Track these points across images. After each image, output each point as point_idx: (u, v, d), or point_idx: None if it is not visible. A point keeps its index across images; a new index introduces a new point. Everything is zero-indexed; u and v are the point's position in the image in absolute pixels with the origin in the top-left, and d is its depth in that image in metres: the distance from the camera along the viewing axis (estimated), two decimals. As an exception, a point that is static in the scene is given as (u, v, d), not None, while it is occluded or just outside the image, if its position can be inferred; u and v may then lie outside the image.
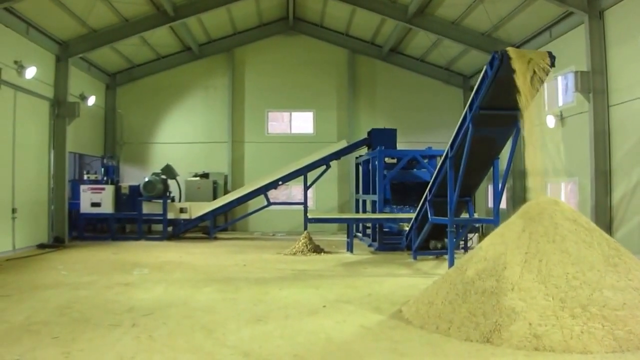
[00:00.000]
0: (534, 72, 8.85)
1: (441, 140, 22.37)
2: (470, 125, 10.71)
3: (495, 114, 10.50)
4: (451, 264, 12.15)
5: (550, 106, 16.21)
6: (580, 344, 6.06)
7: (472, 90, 24.75)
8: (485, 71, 9.93)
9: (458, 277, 7.73)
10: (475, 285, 7.24)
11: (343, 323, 7.85)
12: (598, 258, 7.04)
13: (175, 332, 7.36)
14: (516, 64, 8.89)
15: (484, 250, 7.87)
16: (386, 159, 18.31)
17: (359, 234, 20.53)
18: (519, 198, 19.72)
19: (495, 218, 12.33)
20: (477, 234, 17.76)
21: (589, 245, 7.23)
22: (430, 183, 13.76)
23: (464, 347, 6.48)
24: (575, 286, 6.65)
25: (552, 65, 9.19)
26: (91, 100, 20.70)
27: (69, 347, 6.53)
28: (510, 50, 9.14)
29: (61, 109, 18.24)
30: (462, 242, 16.22)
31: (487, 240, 8.20)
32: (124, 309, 8.68)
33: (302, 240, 16.60)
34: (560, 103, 17.30)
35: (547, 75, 9.12)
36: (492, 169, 12.65)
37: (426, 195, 13.87)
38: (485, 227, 19.64)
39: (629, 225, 13.16)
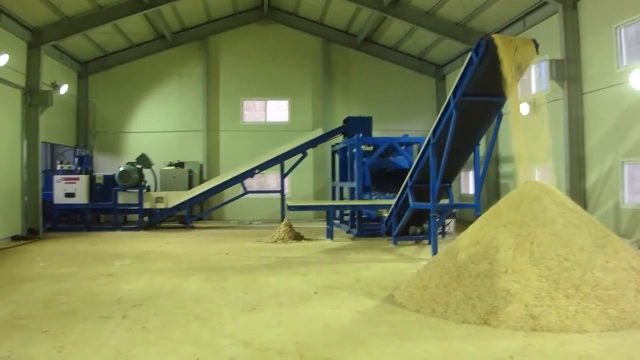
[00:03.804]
0: (519, 59, 8.98)
1: (414, 128, 22.74)
2: (454, 112, 10.81)
3: (479, 100, 10.63)
4: (434, 248, 12.34)
5: (524, 94, 16.53)
6: (576, 323, 6.23)
7: (444, 80, 25.22)
8: (470, 58, 10.03)
9: (450, 261, 7.84)
10: (469, 268, 7.35)
11: (338, 309, 7.88)
12: (587, 240, 7.24)
13: (169, 322, 7.24)
14: (502, 51, 9.00)
15: (475, 235, 7.99)
16: (362, 147, 18.38)
17: (337, 221, 20.59)
18: (493, 184, 20.11)
19: (477, 203, 12.55)
20: (453, 219, 18.04)
21: (577, 227, 7.42)
22: (411, 169, 13.88)
23: (463, 329, 6.58)
24: (567, 267, 6.83)
25: (536, 52, 9.36)
26: (63, 89, 20.19)
27: (61, 342, 6.34)
28: (496, 38, 9.24)
29: (33, 98, 17.74)
30: (439, 228, 16.47)
31: (476, 224, 8.34)
32: (112, 301, 8.51)
33: (283, 228, 16.58)
34: (534, 91, 17.62)
35: (530, 62, 9.28)
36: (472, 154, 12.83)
37: (407, 181, 13.99)
38: (460, 212, 19.99)
39: (602, 209, 13.56)
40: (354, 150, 18.17)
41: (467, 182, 22.45)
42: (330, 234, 16.75)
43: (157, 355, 5.92)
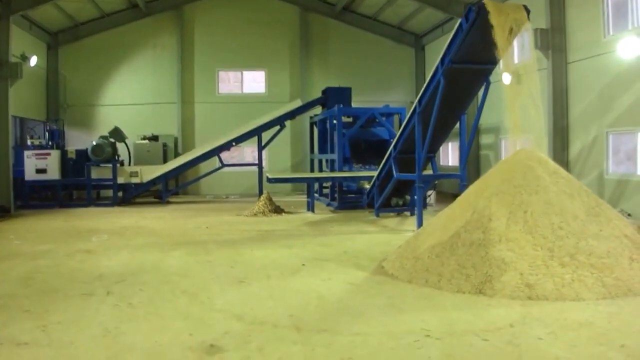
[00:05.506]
0: (511, 25, 8.82)
1: (393, 99, 22.55)
2: (442, 79, 10.62)
3: (468, 68, 10.47)
4: (419, 219, 12.27)
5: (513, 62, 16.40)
6: (572, 291, 6.20)
7: (423, 50, 24.89)
8: (460, 24, 9.81)
9: (442, 230, 7.73)
10: (462, 237, 7.26)
11: (329, 281, 7.75)
12: (580, 208, 7.21)
13: (155, 298, 7.01)
14: (494, 18, 8.82)
15: (467, 204, 7.90)
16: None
17: (315, 194, 20.42)
18: (473, 154, 20.09)
19: (462, 173, 12.48)
20: (434, 191, 18.05)
21: (570, 196, 7.38)
22: (395, 140, 13.72)
23: (458, 299, 6.51)
24: (561, 236, 6.79)
25: (528, 19, 9.20)
26: (33, 61, 19.34)
27: (44, 320, 6.06)
28: (488, 3, 9.03)
29: (3, 70, 16.87)
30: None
31: (468, 193, 8.25)
32: (93, 277, 8.21)
33: (263, 201, 16.34)
34: (516, 60, 17.48)
35: (522, 29, 9.13)
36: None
37: (390, 152, 13.85)
38: (439, 184, 20.02)
39: (586, 179, 13.57)
40: (334, 121, 17.90)
41: (446, 153, 22.42)
42: (311, 207, 16.58)
43: (147, 332, 5.69)
